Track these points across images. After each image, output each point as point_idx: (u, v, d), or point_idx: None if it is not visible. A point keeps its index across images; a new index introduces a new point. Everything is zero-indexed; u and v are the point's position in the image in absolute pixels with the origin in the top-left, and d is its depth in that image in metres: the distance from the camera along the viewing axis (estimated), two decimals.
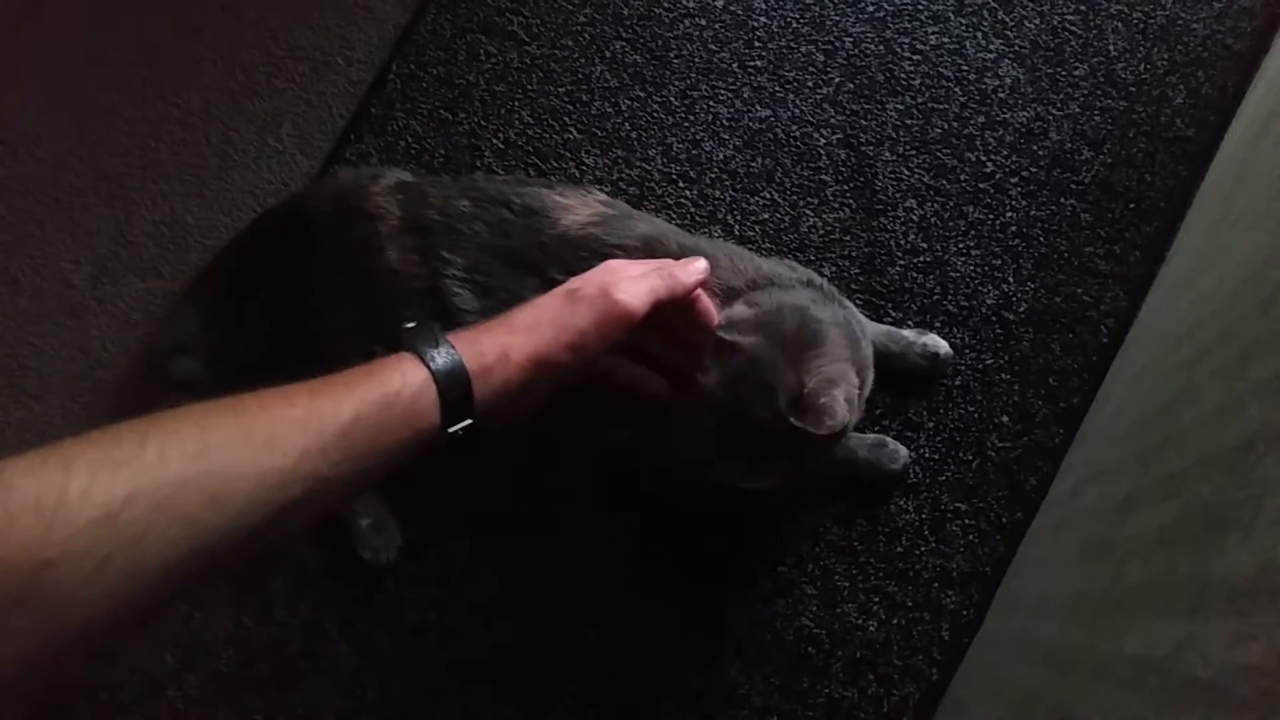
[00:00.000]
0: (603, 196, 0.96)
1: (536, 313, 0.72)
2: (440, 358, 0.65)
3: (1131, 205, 1.11)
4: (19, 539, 0.45)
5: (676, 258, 0.91)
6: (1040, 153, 1.12)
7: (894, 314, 1.08)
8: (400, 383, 0.62)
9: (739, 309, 0.82)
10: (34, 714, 1.03)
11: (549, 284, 0.90)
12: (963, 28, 1.15)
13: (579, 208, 0.93)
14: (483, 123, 1.15)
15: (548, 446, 1.04)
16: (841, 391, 0.82)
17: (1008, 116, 1.13)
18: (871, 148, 1.13)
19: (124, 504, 0.48)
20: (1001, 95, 1.14)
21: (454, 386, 0.65)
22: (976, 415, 1.06)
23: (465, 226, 0.92)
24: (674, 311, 0.79)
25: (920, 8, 1.16)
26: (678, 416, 0.85)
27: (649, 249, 0.91)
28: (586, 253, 0.90)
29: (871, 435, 1.04)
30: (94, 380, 1.09)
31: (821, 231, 1.11)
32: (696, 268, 0.81)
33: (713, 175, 1.12)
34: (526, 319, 0.72)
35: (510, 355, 0.68)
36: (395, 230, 0.93)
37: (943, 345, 1.05)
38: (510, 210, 0.92)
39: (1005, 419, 1.06)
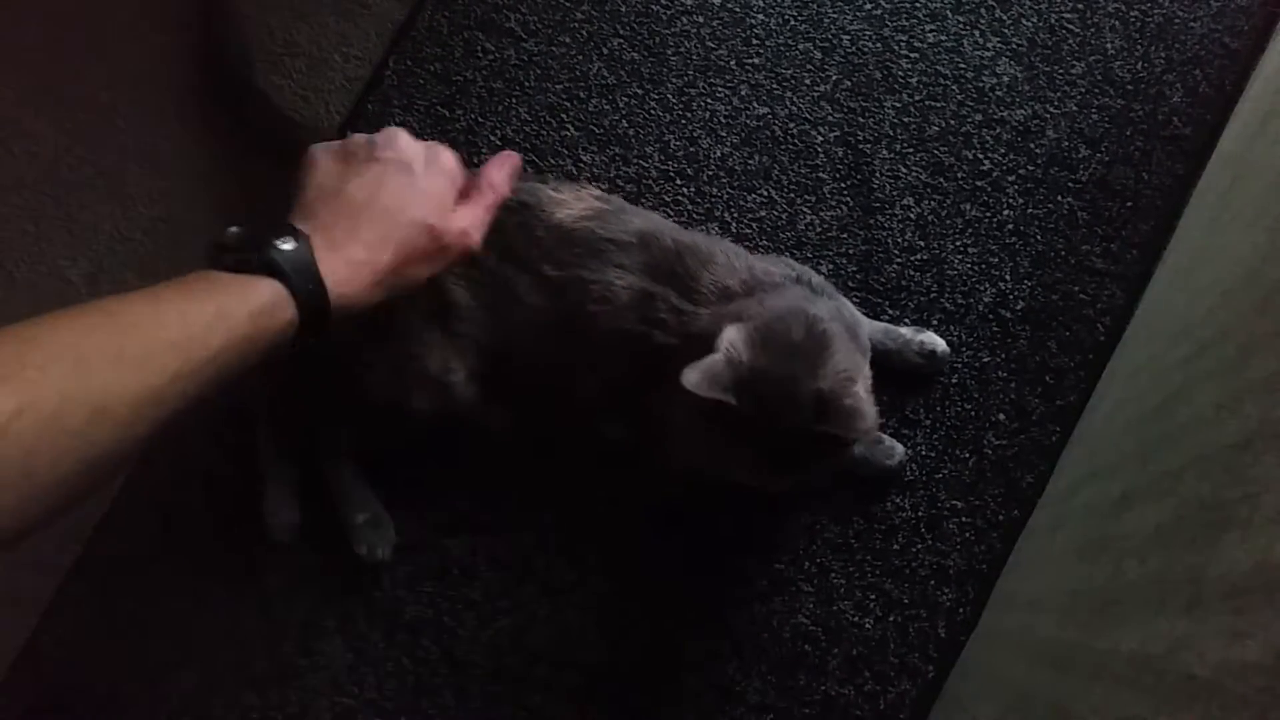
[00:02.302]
0: (597, 192, 0.96)
1: (402, 234, 0.74)
2: (302, 278, 0.67)
3: (1128, 203, 1.11)
4: None
5: (672, 253, 0.91)
6: (1038, 151, 1.12)
7: (891, 312, 1.08)
8: (265, 302, 0.65)
9: (734, 331, 0.81)
10: (33, 710, 1.03)
11: (543, 279, 0.90)
12: (960, 26, 1.15)
13: (573, 202, 0.93)
14: (480, 119, 1.14)
15: (545, 445, 1.04)
16: (860, 386, 0.82)
17: (1005, 114, 1.13)
18: (869, 145, 1.13)
19: (11, 418, 0.50)
20: (999, 93, 1.14)
21: (314, 306, 0.68)
22: (973, 413, 1.07)
23: None
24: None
25: (918, 6, 1.16)
26: (717, 450, 0.85)
27: (644, 244, 0.91)
28: (580, 247, 0.90)
29: None
30: None
31: (819, 229, 1.11)
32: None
33: (710, 172, 1.12)
34: (389, 237, 0.73)
35: (366, 276, 0.71)
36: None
37: (940, 343, 1.05)
38: (504, 205, 0.92)
39: (1002, 417, 1.07)
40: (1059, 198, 1.11)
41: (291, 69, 1.15)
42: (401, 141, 0.79)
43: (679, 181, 1.12)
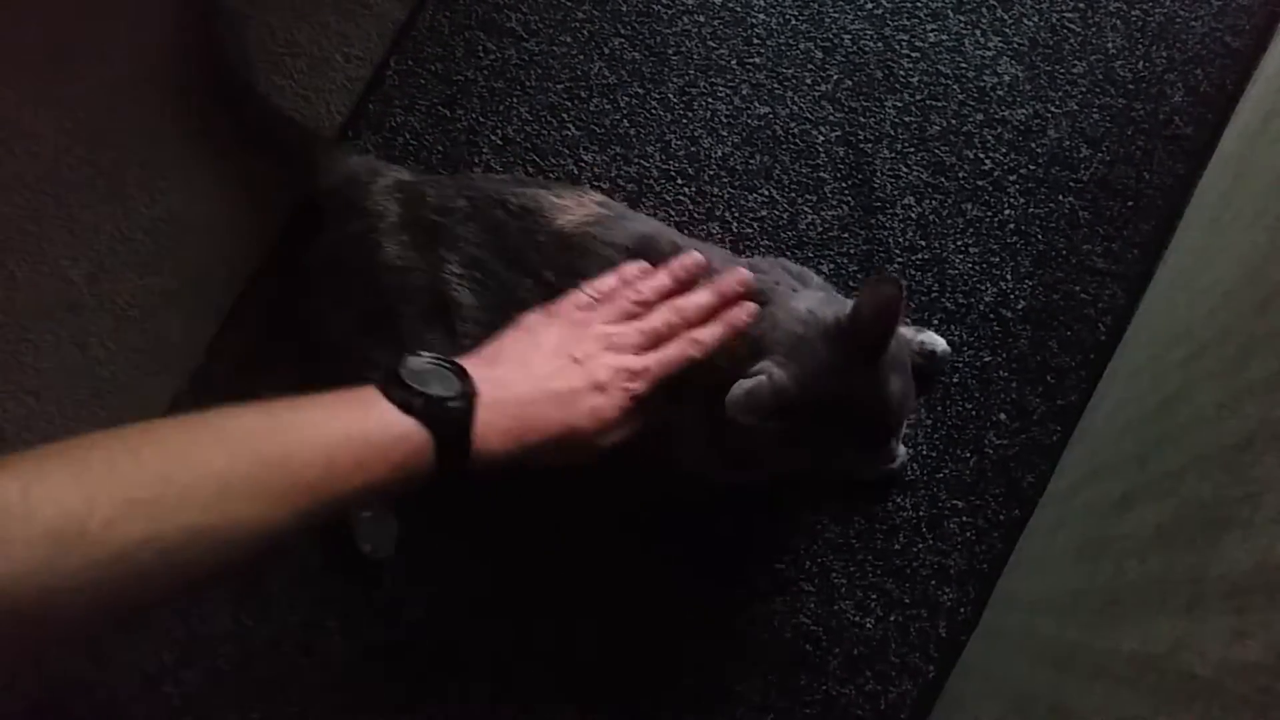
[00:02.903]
0: (599, 196, 0.96)
1: (556, 429, 0.74)
2: (453, 439, 0.66)
3: (1130, 203, 1.11)
4: (28, 562, 0.47)
5: (670, 258, 0.90)
6: (1039, 150, 1.12)
7: None
8: (409, 456, 0.64)
9: (765, 363, 0.80)
10: (32, 712, 1.03)
11: (544, 284, 0.90)
12: (961, 25, 1.15)
13: (574, 208, 0.93)
14: (481, 119, 1.14)
15: None
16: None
17: (1006, 114, 1.13)
18: (870, 145, 1.13)
19: (136, 549, 0.49)
20: (1000, 93, 1.14)
21: (452, 467, 0.67)
22: (974, 413, 1.07)
23: (461, 226, 0.92)
24: None
25: (919, 5, 1.16)
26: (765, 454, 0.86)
27: (643, 249, 0.91)
28: (580, 253, 0.90)
29: None
30: (92, 377, 1.09)
31: (820, 229, 1.11)
32: (743, 313, 0.84)
33: (711, 172, 1.12)
34: (543, 424, 0.73)
35: (508, 445, 0.71)
36: (393, 227, 0.93)
37: (940, 342, 1.05)
38: (506, 210, 0.92)
39: (1003, 416, 1.07)
40: (1060, 197, 1.11)
41: (292, 69, 1.15)
42: (606, 362, 0.79)
43: (680, 181, 1.12)
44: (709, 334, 0.83)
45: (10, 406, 1.09)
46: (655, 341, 0.82)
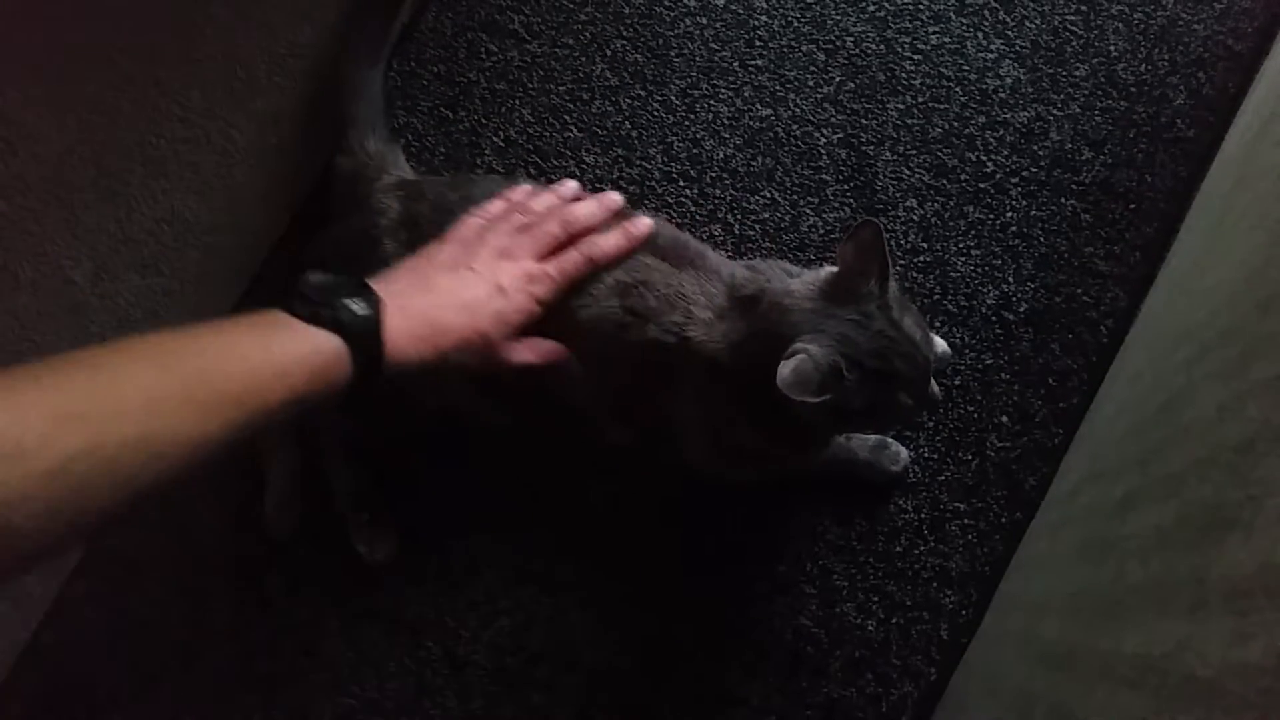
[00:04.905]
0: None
1: (467, 332, 0.78)
2: (366, 343, 0.70)
3: (1132, 206, 1.11)
4: None
5: (662, 257, 0.90)
6: (1041, 153, 1.12)
7: None
8: (326, 362, 0.67)
9: (801, 344, 0.80)
10: (33, 710, 1.03)
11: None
12: (964, 28, 1.15)
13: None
14: (483, 121, 1.15)
15: (548, 446, 1.04)
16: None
17: (1008, 116, 1.13)
18: (872, 147, 1.13)
19: (74, 460, 0.52)
20: (1002, 95, 1.14)
21: (370, 370, 0.70)
22: (976, 415, 1.06)
23: (450, 220, 0.92)
24: None
25: (921, 7, 1.16)
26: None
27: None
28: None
29: (873, 436, 1.04)
30: None
31: (822, 231, 1.11)
32: (640, 229, 0.89)
33: (713, 174, 1.12)
34: (455, 328, 0.77)
35: (423, 350, 0.74)
36: (393, 225, 0.93)
37: (941, 344, 1.05)
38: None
39: (1005, 419, 1.06)
40: (1062, 200, 1.11)
41: (295, 70, 1.15)
42: (507, 271, 0.83)
43: (682, 183, 1.12)
44: (608, 241, 0.88)
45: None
46: (551, 250, 0.86)
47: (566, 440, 1.03)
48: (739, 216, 1.11)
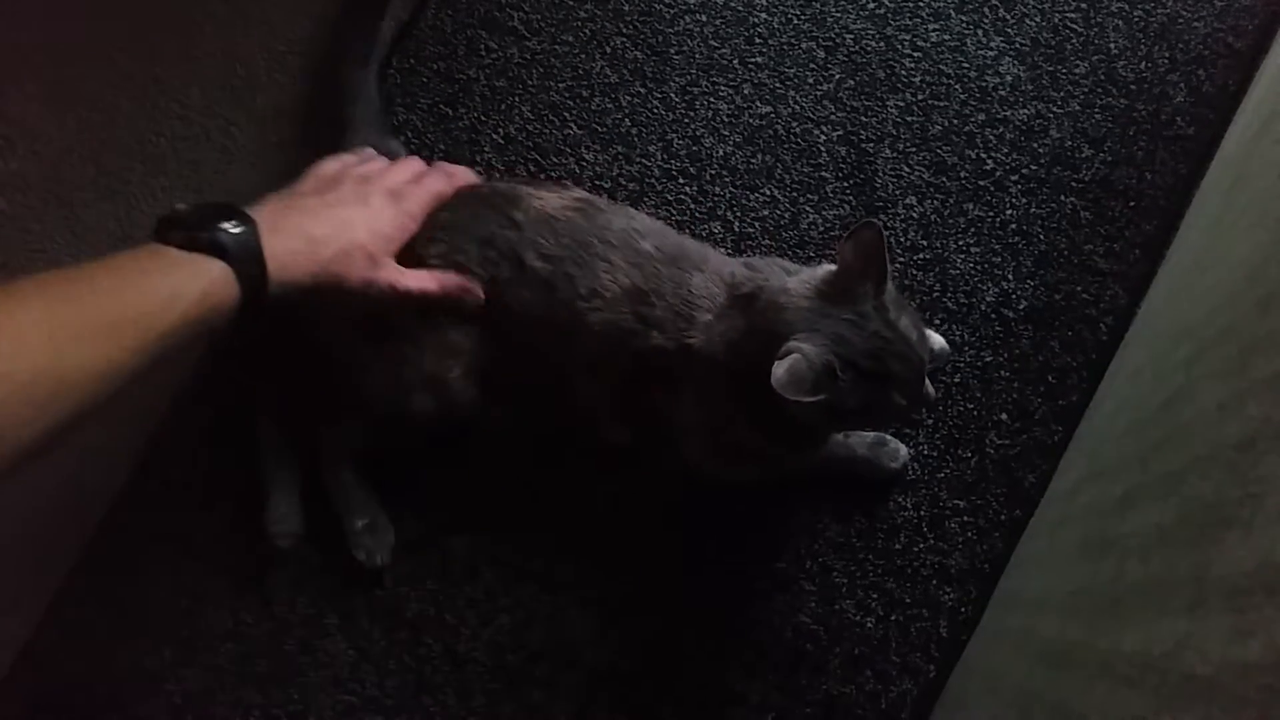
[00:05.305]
0: (580, 193, 0.96)
1: (343, 244, 0.80)
2: (247, 261, 0.72)
3: (1131, 203, 1.11)
4: None
5: (655, 258, 0.90)
6: (1041, 150, 1.12)
7: None
8: (214, 283, 0.70)
9: (794, 343, 0.80)
10: (33, 710, 1.03)
11: (522, 269, 0.90)
12: (964, 25, 1.15)
13: (554, 199, 0.93)
14: (482, 118, 1.14)
15: (546, 445, 1.04)
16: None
17: (1008, 114, 1.13)
18: (872, 144, 1.13)
19: None
20: (1002, 93, 1.14)
21: (256, 288, 0.73)
22: (975, 412, 1.06)
23: (446, 214, 0.92)
24: None
25: (921, 5, 1.16)
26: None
27: (625, 243, 0.91)
28: (567, 241, 0.90)
29: (871, 434, 1.04)
30: None
31: (821, 228, 1.11)
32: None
33: (713, 171, 1.12)
34: (331, 240, 0.80)
35: (304, 265, 0.77)
36: None
37: (938, 340, 1.05)
38: (488, 203, 0.93)
39: (1004, 416, 1.06)
40: (1062, 197, 1.11)
41: (294, 67, 1.15)
42: (376, 194, 0.87)
43: (682, 180, 1.12)
44: (460, 170, 0.95)
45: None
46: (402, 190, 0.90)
47: (567, 440, 1.03)
48: (739, 214, 1.11)
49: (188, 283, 0.68)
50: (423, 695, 1.02)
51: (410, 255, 0.89)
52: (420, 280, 0.87)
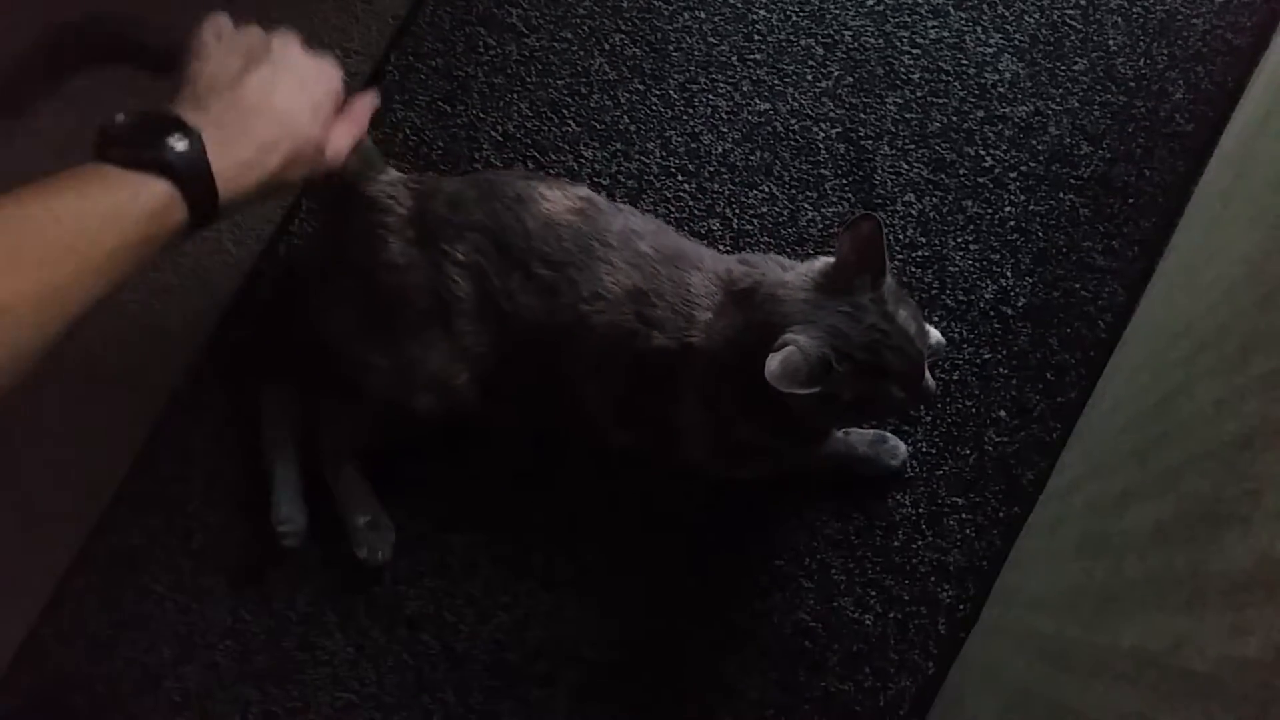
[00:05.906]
0: (584, 191, 0.96)
1: (291, 142, 0.75)
2: (195, 181, 0.68)
3: (1130, 200, 1.11)
4: None
5: (654, 259, 0.90)
6: (1039, 147, 1.12)
7: None
8: (159, 204, 0.66)
9: (790, 335, 0.80)
10: (33, 708, 1.03)
11: (532, 277, 0.90)
12: (962, 22, 1.15)
13: (559, 201, 0.93)
14: (481, 115, 1.14)
15: (547, 444, 1.04)
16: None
17: (1007, 111, 1.13)
18: (870, 142, 1.12)
19: None
20: (1001, 90, 1.14)
21: (205, 207, 0.69)
22: (974, 410, 1.06)
23: (466, 216, 0.92)
24: None
25: (920, 2, 1.16)
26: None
27: (624, 244, 0.91)
28: (569, 244, 0.90)
29: (871, 431, 1.04)
30: (89, 372, 1.09)
31: (820, 225, 1.11)
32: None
33: (711, 169, 1.12)
34: (280, 142, 0.74)
35: (254, 177, 0.72)
36: (402, 221, 0.93)
37: (936, 335, 1.05)
38: (503, 201, 0.93)
39: (1003, 413, 1.07)
40: (1061, 194, 1.11)
41: None
42: (295, 50, 0.81)
43: (680, 177, 1.12)
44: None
45: (7, 401, 1.08)
46: None
47: (567, 439, 1.03)
48: (737, 211, 1.11)
49: (128, 205, 0.64)
50: (421, 692, 1.02)
51: (436, 249, 0.91)
52: (344, 138, 0.83)
